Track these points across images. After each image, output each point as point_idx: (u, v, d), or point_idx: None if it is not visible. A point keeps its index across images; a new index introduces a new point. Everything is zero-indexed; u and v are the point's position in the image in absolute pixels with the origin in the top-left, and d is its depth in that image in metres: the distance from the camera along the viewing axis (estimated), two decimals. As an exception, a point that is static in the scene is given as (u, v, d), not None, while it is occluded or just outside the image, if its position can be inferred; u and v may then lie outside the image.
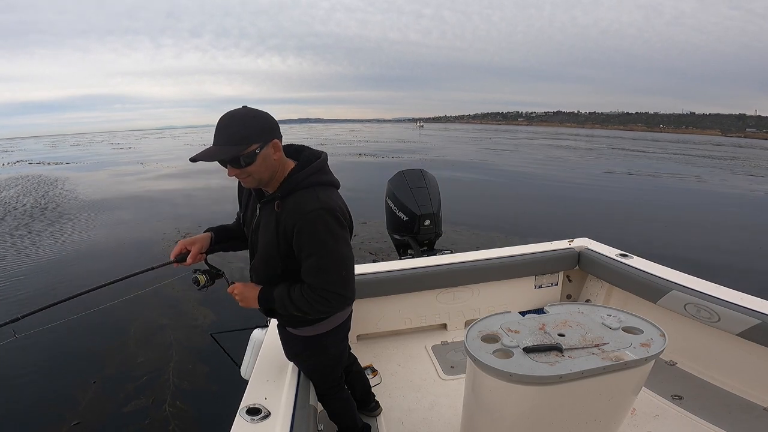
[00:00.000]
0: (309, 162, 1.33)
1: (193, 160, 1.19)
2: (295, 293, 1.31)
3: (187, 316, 4.52)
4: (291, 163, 1.33)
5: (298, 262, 1.31)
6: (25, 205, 10.92)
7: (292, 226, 1.24)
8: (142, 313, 4.59)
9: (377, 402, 2.08)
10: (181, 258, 1.42)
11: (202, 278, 1.42)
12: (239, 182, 1.49)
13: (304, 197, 1.26)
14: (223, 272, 1.48)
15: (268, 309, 1.42)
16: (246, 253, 1.51)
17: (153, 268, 1.44)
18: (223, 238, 1.54)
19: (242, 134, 1.18)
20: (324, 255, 1.26)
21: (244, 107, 1.24)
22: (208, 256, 1.50)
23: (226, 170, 1.24)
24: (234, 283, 1.43)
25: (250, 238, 1.44)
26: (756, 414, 1.93)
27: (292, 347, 1.59)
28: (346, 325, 1.60)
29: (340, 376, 1.71)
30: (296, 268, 1.33)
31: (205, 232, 1.53)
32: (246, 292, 1.39)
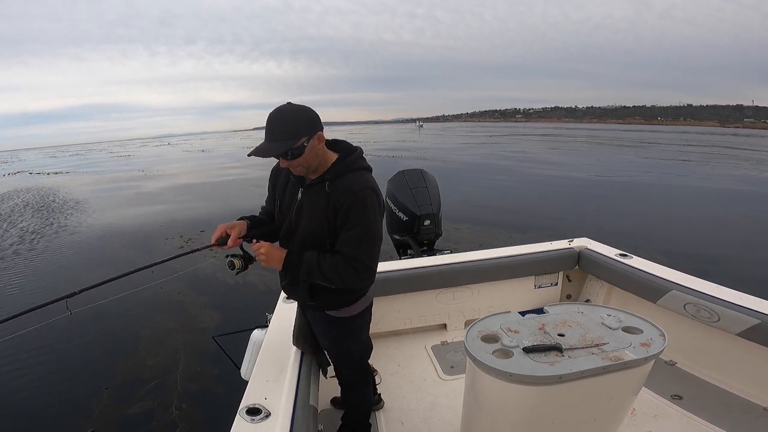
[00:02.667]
0: (351, 151, 1.47)
1: (251, 155, 1.31)
2: (326, 260, 1.38)
3: (195, 318, 4.55)
4: (332, 153, 1.45)
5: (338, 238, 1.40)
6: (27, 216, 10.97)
7: (343, 202, 1.35)
8: (150, 316, 4.61)
9: (379, 395, 2.11)
10: (222, 241, 1.46)
11: (237, 262, 1.47)
12: (272, 173, 1.60)
13: (355, 178, 1.40)
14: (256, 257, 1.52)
15: (290, 282, 1.53)
16: None
17: (198, 250, 1.52)
18: (256, 225, 1.60)
19: (291, 130, 1.31)
20: (367, 229, 1.37)
21: (289, 104, 1.36)
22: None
23: (278, 160, 1.38)
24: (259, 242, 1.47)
25: (289, 222, 1.49)
26: (756, 414, 1.93)
27: (331, 330, 1.62)
28: (371, 307, 1.69)
29: (368, 361, 1.77)
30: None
31: (238, 219, 1.57)
32: (272, 251, 1.43)
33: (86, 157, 42.98)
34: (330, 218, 1.38)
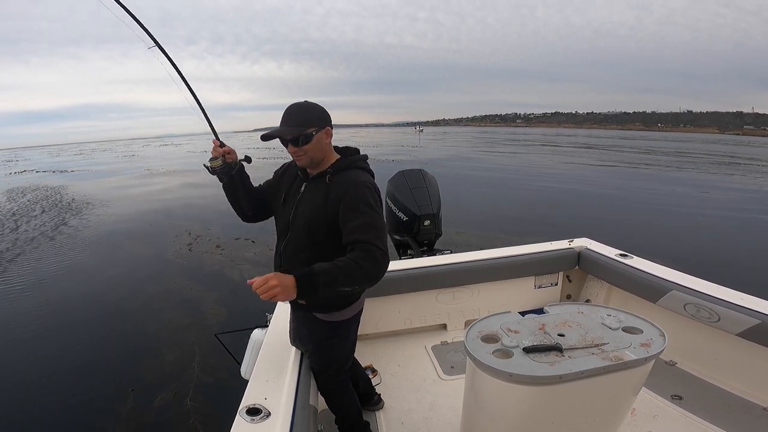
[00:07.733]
0: (355, 152, 1.58)
1: (264, 137, 1.47)
2: (342, 260, 1.28)
3: (205, 315, 4.65)
4: (336, 154, 1.55)
5: (339, 231, 1.41)
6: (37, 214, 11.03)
7: (343, 192, 1.41)
8: (163, 314, 4.69)
9: (379, 395, 2.11)
10: (221, 145, 1.61)
11: (219, 162, 1.59)
12: (281, 168, 1.70)
13: (354, 173, 1.49)
14: (242, 160, 1.64)
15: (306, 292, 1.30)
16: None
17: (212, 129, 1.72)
18: (244, 175, 1.67)
19: (303, 118, 1.44)
20: (373, 215, 1.40)
21: (306, 101, 1.50)
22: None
23: (287, 149, 1.48)
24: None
25: (289, 215, 1.54)
26: (756, 414, 1.93)
27: (318, 334, 1.60)
28: (360, 314, 1.69)
29: (349, 367, 1.76)
30: (335, 237, 1.42)
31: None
32: (284, 280, 1.22)
33: (91, 157, 43.24)
34: (328, 210, 1.43)
